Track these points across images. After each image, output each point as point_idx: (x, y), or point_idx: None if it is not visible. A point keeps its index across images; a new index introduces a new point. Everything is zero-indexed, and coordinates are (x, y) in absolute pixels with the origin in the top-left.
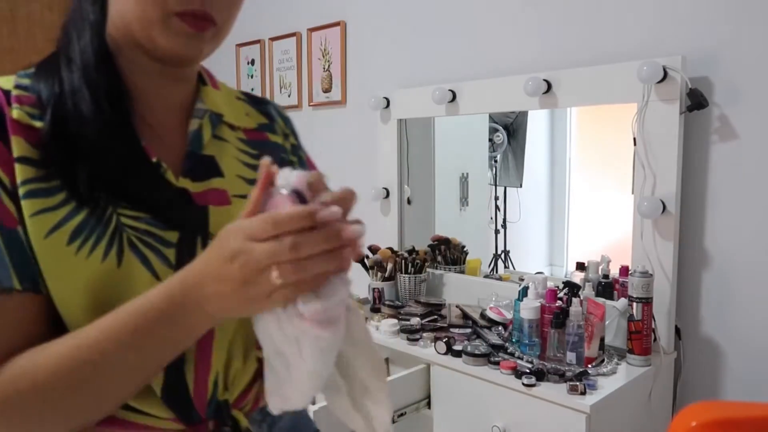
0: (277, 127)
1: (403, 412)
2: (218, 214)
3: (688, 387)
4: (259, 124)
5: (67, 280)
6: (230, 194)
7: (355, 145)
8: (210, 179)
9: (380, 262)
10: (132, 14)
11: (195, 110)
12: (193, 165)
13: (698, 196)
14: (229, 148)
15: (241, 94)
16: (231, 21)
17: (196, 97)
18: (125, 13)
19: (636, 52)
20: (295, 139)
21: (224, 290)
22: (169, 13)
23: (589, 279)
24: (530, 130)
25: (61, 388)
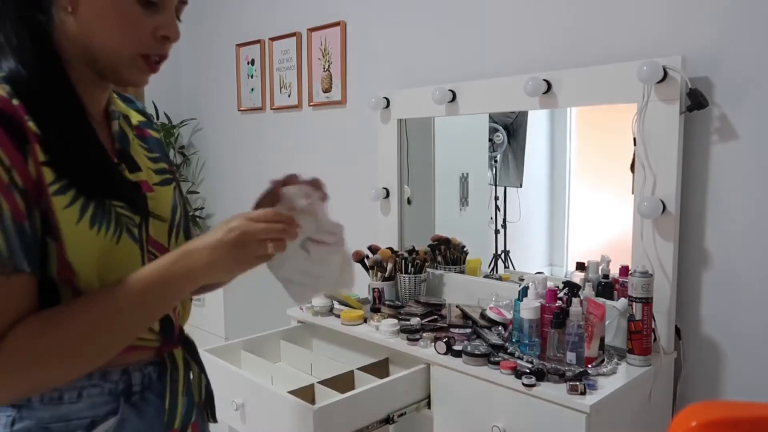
0: (152, 124)
1: (403, 412)
2: (151, 199)
3: (688, 387)
4: (139, 121)
5: (89, 253)
6: (150, 183)
7: (355, 145)
8: (136, 172)
9: (380, 262)
10: (107, 47)
11: (111, 112)
12: (126, 160)
13: (698, 196)
14: (135, 145)
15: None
16: None
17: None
18: (97, 42)
19: (636, 52)
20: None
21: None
22: (137, 54)
23: (589, 279)
24: (530, 130)
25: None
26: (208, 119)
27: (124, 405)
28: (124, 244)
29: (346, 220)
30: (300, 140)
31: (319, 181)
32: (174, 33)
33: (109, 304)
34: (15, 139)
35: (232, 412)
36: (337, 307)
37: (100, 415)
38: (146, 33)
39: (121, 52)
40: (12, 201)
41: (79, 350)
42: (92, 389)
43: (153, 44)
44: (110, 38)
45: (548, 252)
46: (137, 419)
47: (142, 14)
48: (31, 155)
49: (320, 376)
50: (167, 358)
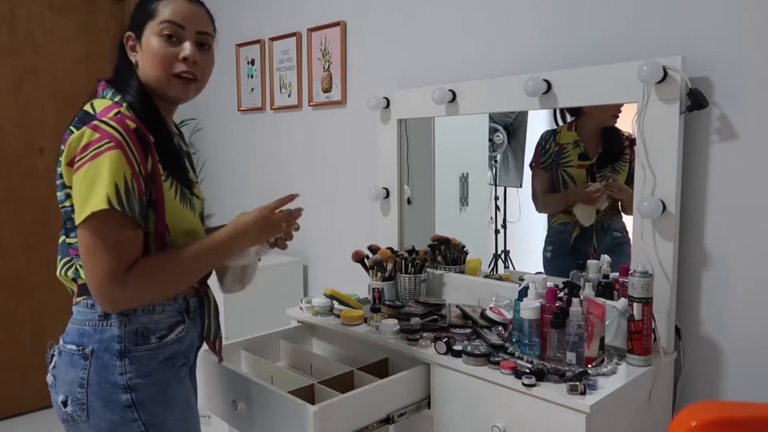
0: (184, 139)
1: (403, 412)
2: (195, 189)
3: (688, 387)
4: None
5: (178, 218)
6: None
7: (355, 145)
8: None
9: (380, 262)
10: (152, 79)
11: (171, 132)
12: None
13: (698, 196)
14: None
15: None
16: (207, 77)
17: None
18: (148, 77)
19: (636, 52)
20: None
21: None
22: (170, 75)
23: (589, 279)
24: (530, 130)
25: (184, 270)
26: (208, 119)
27: (186, 318)
28: (191, 210)
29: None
30: (300, 140)
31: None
32: (189, 54)
33: (191, 250)
34: (142, 146)
35: (232, 412)
36: (337, 307)
37: (173, 323)
38: (174, 58)
39: (159, 75)
40: (139, 184)
41: (177, 270)
42: (169, 306)
43: (178, 65)
44: (151, 69)
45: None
46: (192, 328)
47: (168, 46)
48: (150, 156)
49: (320, 376)
50: (204, 295)
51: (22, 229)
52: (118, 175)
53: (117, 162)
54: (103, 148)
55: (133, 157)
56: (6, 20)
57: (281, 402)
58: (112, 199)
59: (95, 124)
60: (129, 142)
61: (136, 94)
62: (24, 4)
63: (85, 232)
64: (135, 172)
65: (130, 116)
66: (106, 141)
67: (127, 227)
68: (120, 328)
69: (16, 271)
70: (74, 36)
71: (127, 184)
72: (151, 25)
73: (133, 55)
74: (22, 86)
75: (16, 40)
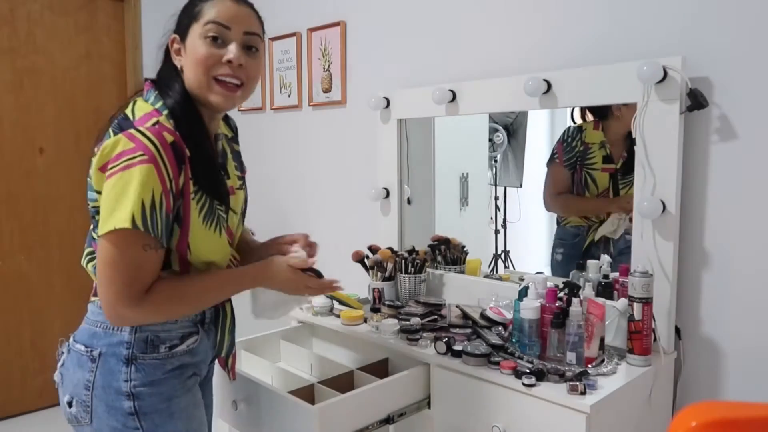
0: (237, 138)
1: (403, 412)
2: (232, 199)
3: (688, 387)
4: (231, 136)
5: (203, 239)
6: (234, 188)
7: (355, 145)
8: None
9: (380, 262)
10: (194, 84)
11: (217, 135)
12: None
13: (698, 196)
14: (228, 157)
15: None
16: (254, 83)
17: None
18: (191, 83)
19: (636, 52)
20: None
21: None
22: (212, 79)
23: (589, 279)
24: (530, 130)
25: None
26: None
27: (201, 329)
28: (221, 235)
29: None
30: (300, 140)
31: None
32: (234, 57)
33: (209, 285)
34: (177, 160)
35: (232, 413)
36: (337, 307)
37: (185, 333)
38: (217, 61)
39: (201, 78)
40: (168, 201)
41: (191, 303)
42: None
43: (221, 68)
44: (194, 72)
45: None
46: (206, 339)
47: (212, 48)
48: (184, 171)
49: (320, 376)
50: (221, 308)
51: (22, 229)
52: (146, 192)
53: (147, 177)
54: (136, 161)
55: (166, 173)
56: (6, 20)
57: (281, 402)
58: (137, 218)
59: (131, 133)
60: (164, 156)
61: (179, 99)
62: (24, 4)
63: (106, 245)
64: (165, 189)
65: (169, 128)
66: (140, 153)
67: (148, 247)
68: (130, 333)
69: (16, 271)
70: (74, 36)
71: (154, 202)
72: (196, 27)
73: (177, 59)
74: (22, 86)
75: (16, 40)
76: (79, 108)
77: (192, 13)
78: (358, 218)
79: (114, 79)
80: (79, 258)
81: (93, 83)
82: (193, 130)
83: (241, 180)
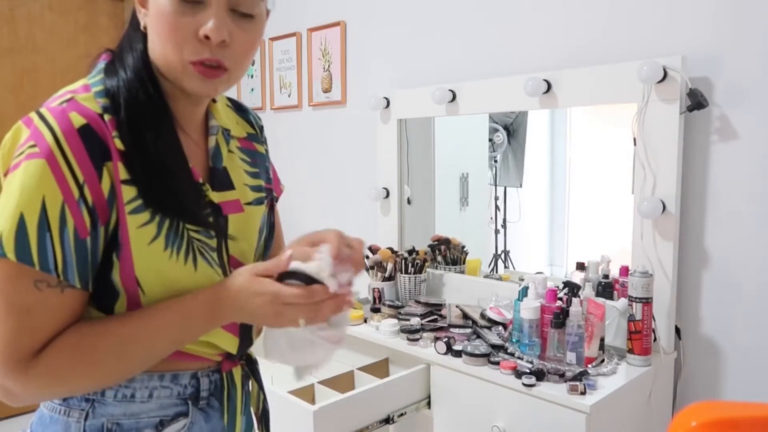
0: (260, 137)
1: (403, 412)
2: (235, 220)
3: (688, 387)
4: (248, 133)
5: (159, 274)
6: (242, 203)
7: (355, 145)
8: (226, 191)
9: (380, 262)
10: (160, 59)
11: (210, 127)
12: (215, 178)
13: (698, 196)
14: (235, 159)
15: (227, 100)
16: (243, 67)
17: (208, 113)
18: (156, 56)
19: (636, 52)
20: (267, 146)
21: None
22: (186, 61)
23: (589, 279)
24: (530, 130)
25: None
26: None
27: (193, 408)
28: (202, 270)
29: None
30: (300, 140)
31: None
32: (215, 33)
33: (138, 328)
34: (94, 156)
35: None
36: None
37: (169, 415)
38: (189, 35)
39: (170, 58)
40: (78, 217)
41: (110, 363)
42: (163, 390)
43: (196, 47)
44: (159, 44)
45: (548, 252)
46: (204, 423)
47: (183, 12)
48: (108, 172)
49: (320, 376)
50: (226, 377)
51: None
52: (29, 201)
53: (35, 179)
54: (24, 155)
55: (70, 173)
56: (6, 20)
57: (281, 402)
58: (6, 242)
59: (29, 117)
60: (65, 148)
61: (131, 71)
62: (24, 4)
63: None
64: (71, 197)
65: (84, 107)
66: (30, 143)
67: (40, 288)
68: (79, 420)
69: None
70: (74, 36)
71: (45, 216)
72: None
73: (141, 12)
74: (22, 86)
75: (16, 40)
76: None
77: None
78: (358, 218)
79: None
80: None
81: None
82: (139, 113)
83: (260, 192)
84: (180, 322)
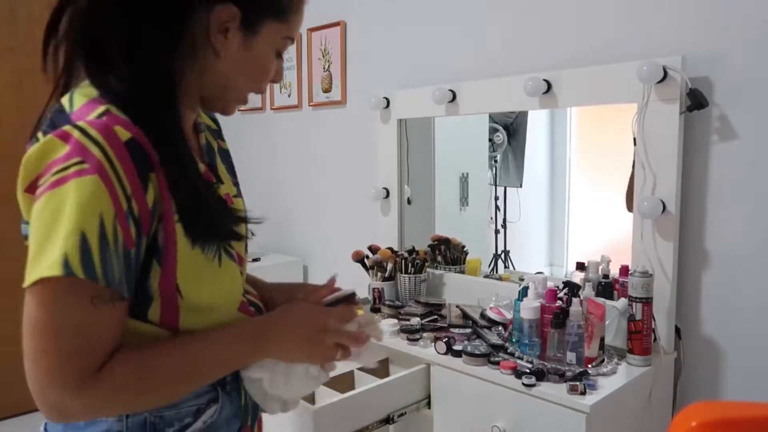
0: (221, 133)
1: (403, 412)
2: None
3: (688, 387)
4: (214, 129)
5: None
6: (231, 195)
7: (355, 145)
8: (219, 185)
9: (380, 262)
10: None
11: (198, 124)
12: (214, 175)
13: (698, 196)
14: (217, 155)
15: None
16: None
17: None
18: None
19: (636, 52)
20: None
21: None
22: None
23: (589, 279)
24: (530, 130)
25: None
26: None
27: (222, 393)
28: (226, 266)
29: (347, 220)
30: (300, 140)
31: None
32: (280, 79)
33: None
34: (140, 168)
35: None
36: None
37: (203, 403)
38: (267, 77)
39: (242, 89)
40: (126, 229)
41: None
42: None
43: (264, 85)
44: (248, 82)
45: (548, 252)
46: (229, 405)
47: (273, 62)
48: (153, 183)
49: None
50: None
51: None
52: (87, 218)
53: (91, 195)
54: (71, 171)
55: (120, 188)
56: (6, 20)
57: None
58: (72, 260)
59: (66, 131)
60: (115, 162)
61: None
62: (24, 4)
63: (32, 304)
64: (121, 212)
65: (123, 119)
66: (77, 160)
67: (96, 303)
68: (121, 419)
69: (16, 271)
70: None
71: (104, 232)
72: (274, 28)
73: (219, 40)
74: (22, 86)
75: (16, 40)
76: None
77: (278, 6)
78: (358, 218)
79: None
80: None
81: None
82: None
83: (237, 186)
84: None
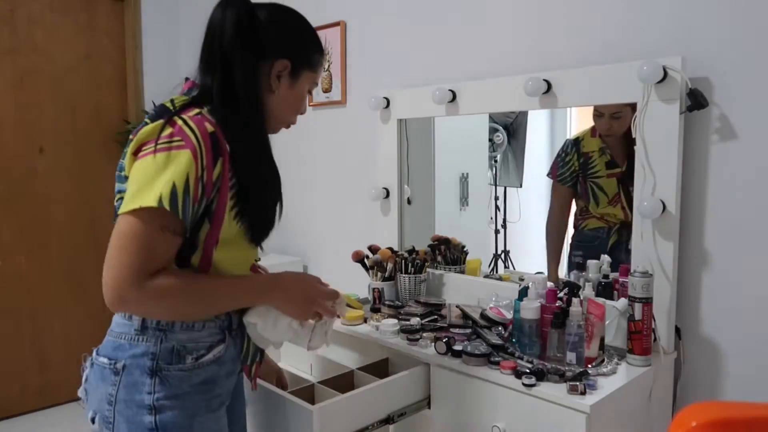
0: None
1: (403, 412)
2: None
3: (688, 387)
4: None
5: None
6: None
7: (355, 145)
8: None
9: (380, 262)
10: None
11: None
12: None
13: (698, 196)
14: None
15: None
16: None
17: None
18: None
19: (636, 52)
20: None
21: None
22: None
23: (589, 279)
24: (530, 130)
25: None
26: None
27: (228, 335)
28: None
29: (347, 220)
30: (300, 140)
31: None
32: (306, 110)
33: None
34: (214, 153)
35: None
36: None
37: (214, 341)
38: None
39: (289, 118)
40: (196, 189)
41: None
42: (210, 323)
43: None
44: (287, 113)
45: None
46: (233, 347)
47: (306, 98)
48: (220, 165)
49: (320, 376)
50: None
51: (22, 229)
52: (179, 176)
53: (183, 162)
54: (174, 145)
55: (201, 161)
56: (6, 20)
57: (281, 402)
58: (164, 199)
59: (173, 120)
60: (202, 145)
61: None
62: (24, 4)
63: (127, 222)
64: (197, 176)
65: (211, 119)
66: (179, 139)
67: (168, 230)
68: (156, 344)
69: (16, 271)
70: (74, 36)
71: (187, 186)
72: (308, 75)
73: (275, 83)
74: (22, 86)
75: (16, 40)
76: (79, 108)
77: (311, 59)
78: (358, 218)
79: (114, 79)
80: (79, 257)
81: (93, 83)
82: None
83: None
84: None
